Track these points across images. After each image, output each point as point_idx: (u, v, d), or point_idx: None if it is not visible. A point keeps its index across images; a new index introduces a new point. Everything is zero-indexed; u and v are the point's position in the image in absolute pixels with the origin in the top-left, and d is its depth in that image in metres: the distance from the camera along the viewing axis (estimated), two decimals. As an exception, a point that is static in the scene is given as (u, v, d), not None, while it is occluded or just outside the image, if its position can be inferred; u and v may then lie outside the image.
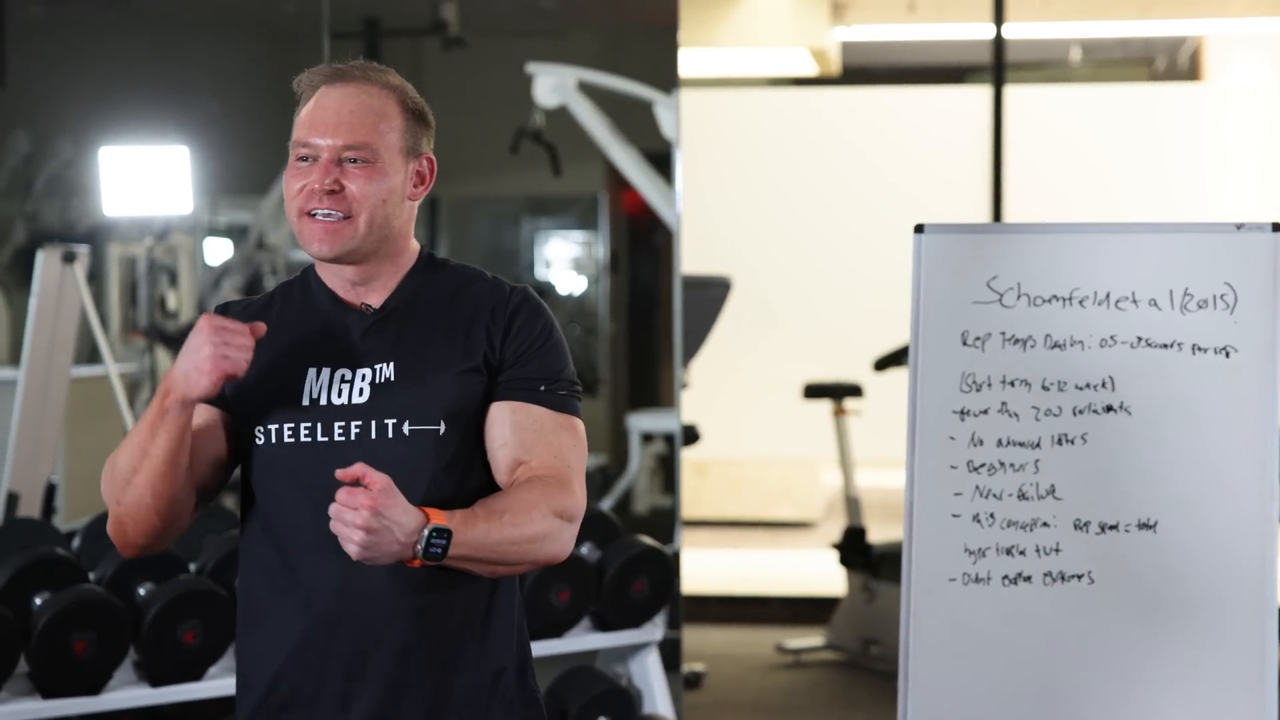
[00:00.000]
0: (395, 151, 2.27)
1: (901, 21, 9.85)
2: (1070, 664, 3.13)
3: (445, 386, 2.24)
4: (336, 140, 2.24)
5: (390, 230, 2.28)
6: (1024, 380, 3.17)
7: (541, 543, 2.20)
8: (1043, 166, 8.28)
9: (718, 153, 8.29)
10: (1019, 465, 3.16)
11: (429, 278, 2.33)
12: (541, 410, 2.27)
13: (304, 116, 2.28)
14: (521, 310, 2.31)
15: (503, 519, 2.16)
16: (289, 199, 2.28)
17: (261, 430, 2.25)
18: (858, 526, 6.75)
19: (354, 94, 2.27)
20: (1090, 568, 3.12)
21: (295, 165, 2.28)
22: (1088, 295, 3.15)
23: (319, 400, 2.24)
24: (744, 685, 6.39)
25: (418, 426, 2.22)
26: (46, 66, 9.60)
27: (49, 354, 5.16)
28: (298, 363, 2.26)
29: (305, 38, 10.51)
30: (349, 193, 2.23)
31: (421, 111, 2.34)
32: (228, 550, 4.08)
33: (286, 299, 2.34)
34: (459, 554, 2.12)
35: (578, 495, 2.26)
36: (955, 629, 3.17)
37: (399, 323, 2.28)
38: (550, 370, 2.30)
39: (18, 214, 9.71)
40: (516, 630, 2.33)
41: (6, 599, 3.81)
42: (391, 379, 2.24)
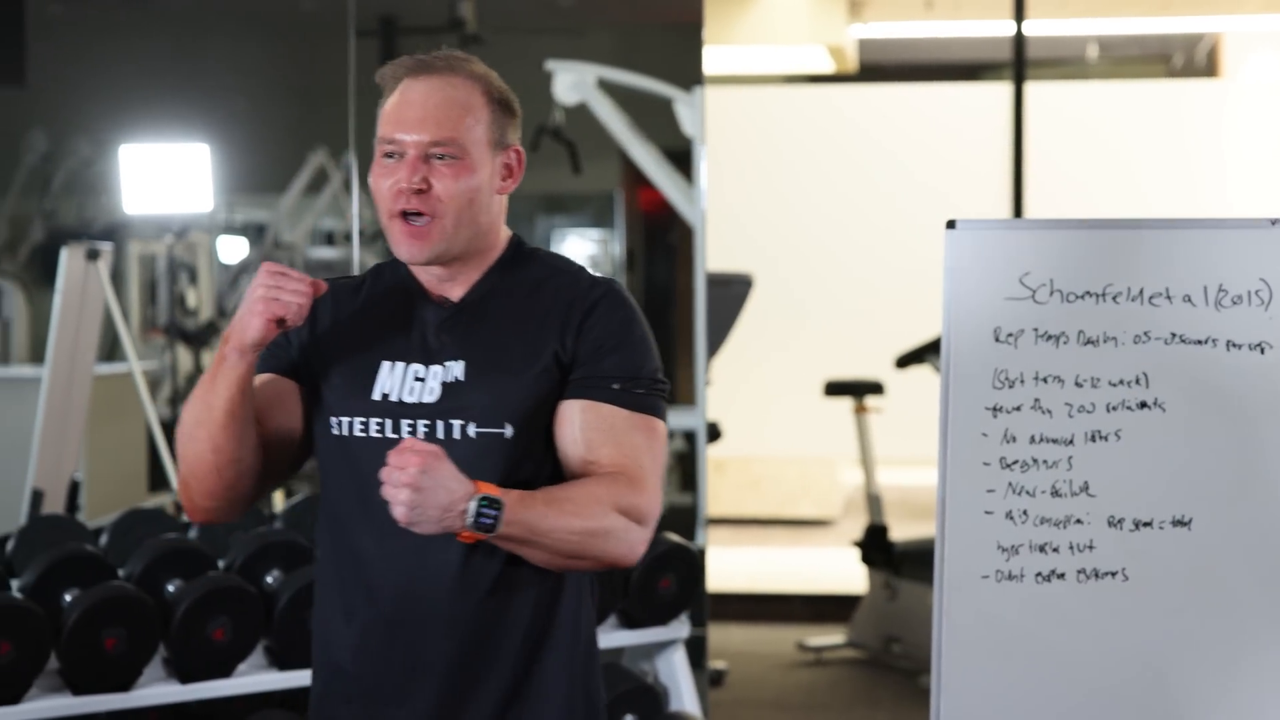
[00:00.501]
0: (483, 145, 2.22)
1: (918, 19, 9.84)
2: (1103, 662, 3.12)
3: (514, 389, 2.20)
4: (423, 136, 2.19)
5: (478, 227, 2.24)
6: (1057, 377, 3.15)
7: (605, 539, 2.15)
8: (1062, 163, 8.27)
9: (736, 150, 8.28)
10: (1052, 462, 3.15)
11: (513, 271, 2.28)
12: (613, 409, 2.22)
13: (388, 111, 2.23)
14: (599, 305, 2.25)
15: (563, 506, 2.12)
16: (378, 197, 2.22)
17: (335, 420, 2.24)
18: (879, 524, 6.74)
19: (439, 86, 2.22)
20: (1124, 565, 3.11)
21: (381, 162, 2.23)
22: (1121, 291, 3.13)
23: (390, 396, 2.21)
24: (765, 683, 6.38)
25: (485, 429, 2.19)
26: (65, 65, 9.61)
27: (72, 351, 5.16)
28: (374, 354, 2.24)
29: (322, 36, 10.53)
30: (436, 192, 2.18)
31: (507, 101, 2.27)
32: (256, 547, 4.08)
33: (376, 282, 2.31)
34: (512, 533, 2.09)
35: (648, 496, 2.20)
36: (987, 626, 3.16)
37: (474, 318, 2.24)
38: (627, 367, 2.24)
39: (36, 212, 9.73)
40: (584, 641, 2.29)
41: (36, 595, 3.81)
42: (461, 379, 2.20)
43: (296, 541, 4.15)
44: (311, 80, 10.66)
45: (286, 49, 10.71)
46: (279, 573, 4.06)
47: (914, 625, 6.42)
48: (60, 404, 5.13)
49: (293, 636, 3.95)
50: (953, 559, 3.17)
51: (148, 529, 4.34)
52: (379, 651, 2.22)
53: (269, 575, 4.06)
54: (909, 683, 6.35)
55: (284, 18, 10.50)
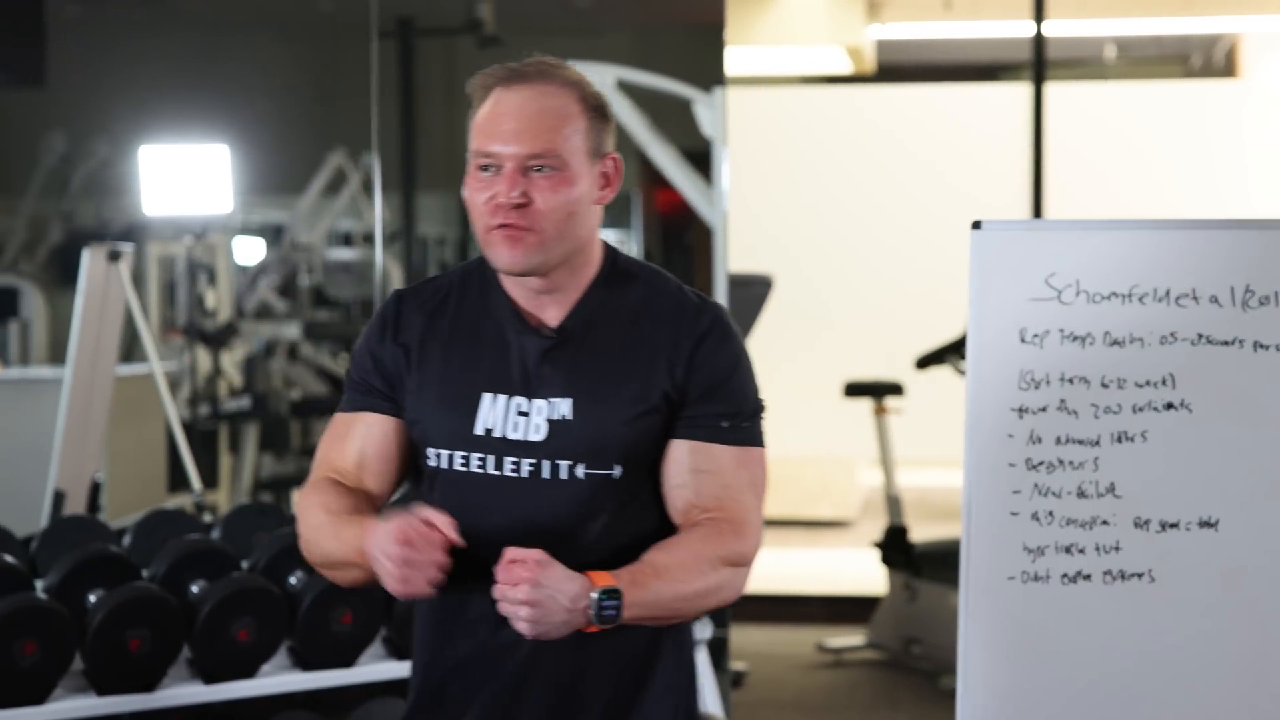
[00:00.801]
0: (581, 155, 2.15)
1: (937, 19, 9.83)
2: (1130, 663, 3.11)
3: (623, 430, 2.14)
4: (520, 149, 2.11)
5: (577, 240, 2.17)
6: (1083, 378, 3.14)
7: (715, 594, 2.13)
8: (1080, 163, 8.25)
9: (754, 151, 8.28)
10: (1078, 463, 3.14)
11: (612, 292, 2.21)
12: (722, 449, 2.17)
13: (482, 122, 2.15)
14: (707, 340, 2.19)
15: (673, 575, 2.09)
16: (474, 212, 2.15)
17: (434, 453, 2.19)
18: (899, 525, 6.73)
19: (534, 96, 2.14)
20: (1150, 566, 3.10)
21: (477, 175, 2.15)
22: (1148, 292, 3.12)
23: (493, 431, 2.16)
24: (785, 684, 6.38)
25: (594, 470, 2.14)
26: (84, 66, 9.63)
27: (94, 353, 5.17)
28: (474, 385, 2.18)
29: (340, 37, 10.54)
30: (536, 206, 2.11)
31: (602, 107, 2.20)
32: (279, 548, 4.08)
33: (464, 294, 2.24)
34: (633, 615, 2.05)
35: (750, 539, 2.18)
36: (1013, 627, 3.15)
37: (577, 348, 2.18)
38: (734, 404, 2.19)
39: (54, 213, 9.75)
40: (686, 665, 2.26)
41: (61, 596, 3.82)
42: (569, 417, 2.14)
43: (319, 542, 4.15)
44: (330, 81, 10.67)
45: (304, 50, 10.73)
46: (302, 574, 4.06)
47: (934, 626, 6.41)
48: (82, 405, 5.13)
49: (316, 637, 3.96)
50: (978, 560, 3.17)
51: (171, 530, 4.34)
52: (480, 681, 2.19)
53: (292, 576, 4.06)
54: (929, 684, 6.35)
55: (302, 19, 10.52)
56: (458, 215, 11.92)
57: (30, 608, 3.65)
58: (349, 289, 9.51)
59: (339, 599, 3.95)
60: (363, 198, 9.58)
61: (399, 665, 4.09)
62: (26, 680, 3.62)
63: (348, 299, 9.88)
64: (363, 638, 4.02)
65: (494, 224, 2.13)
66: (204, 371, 8.11)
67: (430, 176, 10.76)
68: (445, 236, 11.93)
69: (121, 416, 6.00)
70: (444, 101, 10.77)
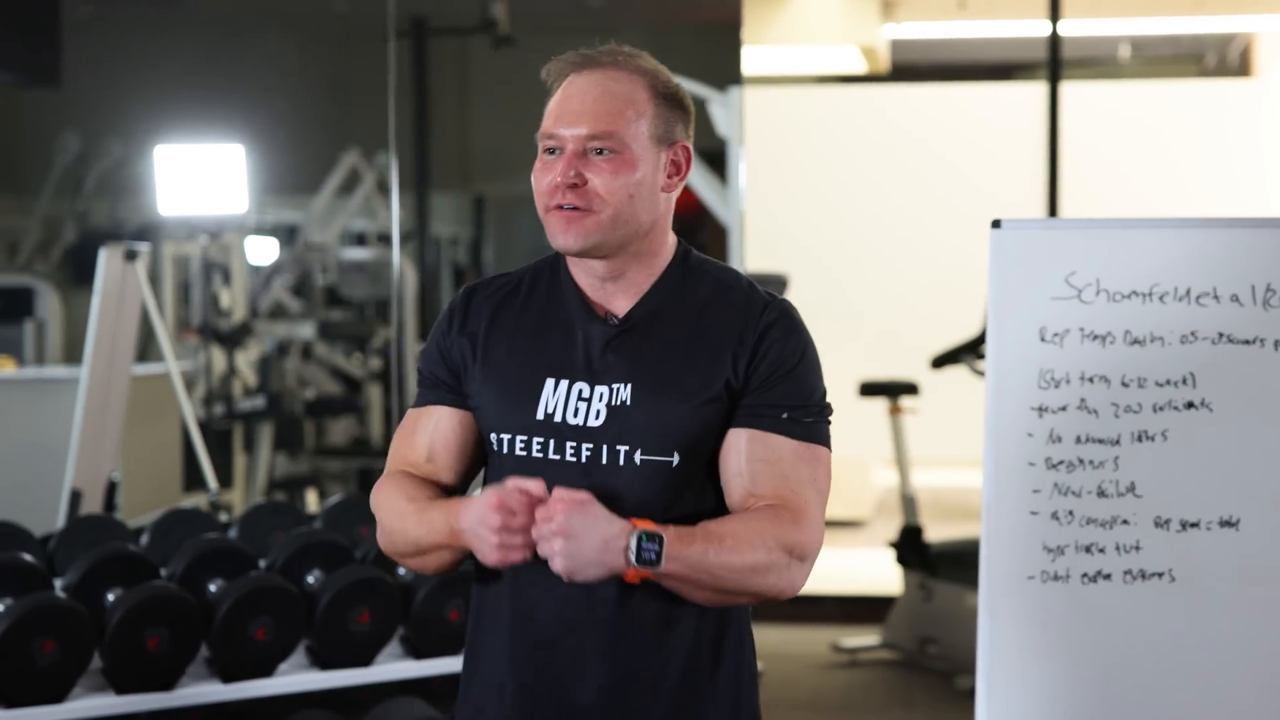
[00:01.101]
0: (644, 140, 2.15)
1: (951, 19, 9.82)
2: (1151, 663, 3.11)
3: (682, 417, 2.13)
4: (581, 130, 2.13)
5: (639, 225, 2.16)
6: (1103, 377, 3.14)
7: (764, 574, 2.09)
8: (1095, 163, 8.24)
9: (768, 150, 8.27)
10: (1098, 462, 3.14)
11: (681, 284, 2.21)
12: (782, 440, 2.15)
13: (551, 107, 2.17)
14: (773, 330, 2.17)
15: (723, 543, 2.06)
16: (537, 193, 2.17)
17: (496, 437, 2.19)
18: (914, 525, 6.72)
19: (600, 81, 2.16)
20: (1171, 566, 3.09)
21: (542, 158, 2.17)
22: (1168, 291, 3.12)
23: (554, 416, 2.15)
24: (800, 684, 6.37)
25: (650, 457, 2.13)
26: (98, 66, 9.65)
27: (111, 352, 5.18)
28: (537, 371, 2.18)
29: (354, 37, 10.55)
30: (592, 186, 2.12)
31: (675, 96, 2.20)
32: (297, 547, 4.09)
33: (534, 287, 2.25)
34: (673, 570, 2.03)
35: (810, 531, 2.14)
36: (1034, 627, 3.15)
37: (641, 337, 2.17)
38: (797, 396, 2.17)
39: (68, 214, 9.77)
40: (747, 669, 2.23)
41: (80, 595, 3.82)
42: (628, 402, 2.13)
43: (337, 542, 4.16)
44: (344, 81, 10.68)
45: (318, 50, 10.74)
46: (320, 573, 4.07)
47: (949, 626, 6.40)
48: (98, 404, 5.14)
49: (334, 636, 3.96)
50: (998, 560, 3.16)
51: (188, 529, 4.35)
52: (535, 676, 2.18)
53: (310, 575, 4.07)
54: (945, 684, 6.34)
55: (316, 19, 10.53)
56: (471, 215, 11.93)
57: (49, 607, 3.65)
58: (363, 289, 9.51)
59: (357, 598, 3.96)
60: (377, 197, 9.59)
61: (416, 665, 4.10)
62: (45, 679, 3.63)
63: (361, 299, 9.89)
64: (380, 637, 4.02)
65: (551, 204, 2.15)
66: (219, 371, 8.12)
67: (443, 176, 10.77)
68: (458, 236, 11.94)
69: (136, 416, 6.01)
70: (457, 102, 10.78)
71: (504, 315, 2.24)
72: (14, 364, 6.80)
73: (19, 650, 3.59)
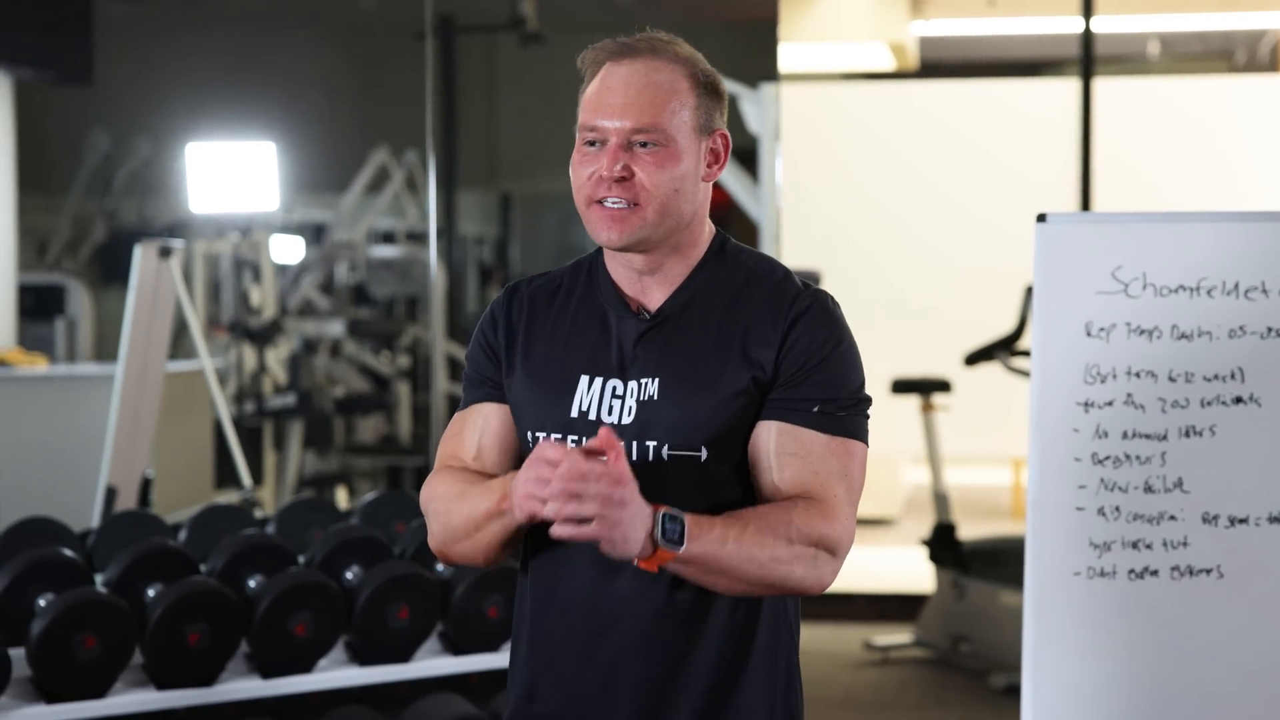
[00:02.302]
0: (688, 131, 2.11)
1: (980, 15, 9.79)
2: (1198, 660, 3.09)
3: (710, 411, 2.10)
4: (625, 123, 2.09)
5: (681, 218, 2.13)
6: (1150, 372, 3.11)
7: (789, 566, 2.05)
8: (1125, 159, 8.21)
9: (798, 147, 8.25)
10: (1145, 458, 3.11)
11: (714, 274, 2.18)
12: (811, 434, 2.10)
13: (590, 97, 2.13)
14: (802, 320, 2.13)
15: (745, 531, 2.03)
16: (577, 186, 2.13)
17: (531, 435, 2.17)
18: (947, 523, 6.70)
19: (642, 70, 2.11)
20: (1219, 562, 3.07)
21: (582, 149, 2.13)
22: (1216, 285, 3.10)
23: (588, 414, 2.13)
24: (833, 682, 6.36)
25: (678, 451, 2.10)
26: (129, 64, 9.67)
27: (145, 349, 5.18)
28: (572, 368, 2.15)
29: (382, 35, 10.56)
30: (638, 181, 2.09)
31: (713, 84, 2.16)
32: (336, 543, 4.08)
33: (573, 285, 2.22)
34: (693, 554, 2.00)
35: (839, 525, 2.09)
36: (1080, 624, 3.13)
37: (672, 330, 2.14)
38: (828, 389, 2.12)
39: (98, 212, 9.79)
40: (783, 667, 2.19)
41: (120, 590, 3.83)
42: (655, 397, 2.11)
43: (375, 537, 4.15)
44: (373, 79, 10.69)
45: (348, 48, 10.75)
46: (358, 568, 4.07)
47: (982, 624, 6.38)
48: (133, 401, 5.14)
49: (373, 632, 3.96)
50: (1044, 555, 3.14)
51: (226, 525, 4.35)
52: (572, 671, 2.16)
53: (349, 571, 4.07)
54: (978, 682, 6.31)
55: (345, 17, 10.54)
56: (497, 214, 11.92)
57: (90, 602, 3.66)
58: (391, 286, 9.52)
59: (396, 594, 3.95)
60: (405, 195, 9.59)
61: (455, 661, 4.09)
62: (87, 674, 3.64)
63: (389, 296, 9.89)
64: (419, 633, 4.01)
65: (595, 198, 2.11)
66: (249, 368, 8.13)
67: (470, 175, 10.77)
68: (484, 235, 11.94)
69: (168, 413, 6.01)
70: (485, 100, 10.78)
71: (544, 313, 2.22)
72: (46, 361, 6.82)
73: (61, 645, 3.59)
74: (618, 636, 2.13)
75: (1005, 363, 6.64)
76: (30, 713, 3.58)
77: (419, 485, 8.54)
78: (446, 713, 4.03)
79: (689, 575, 2.05)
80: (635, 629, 2.12)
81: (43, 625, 3.60)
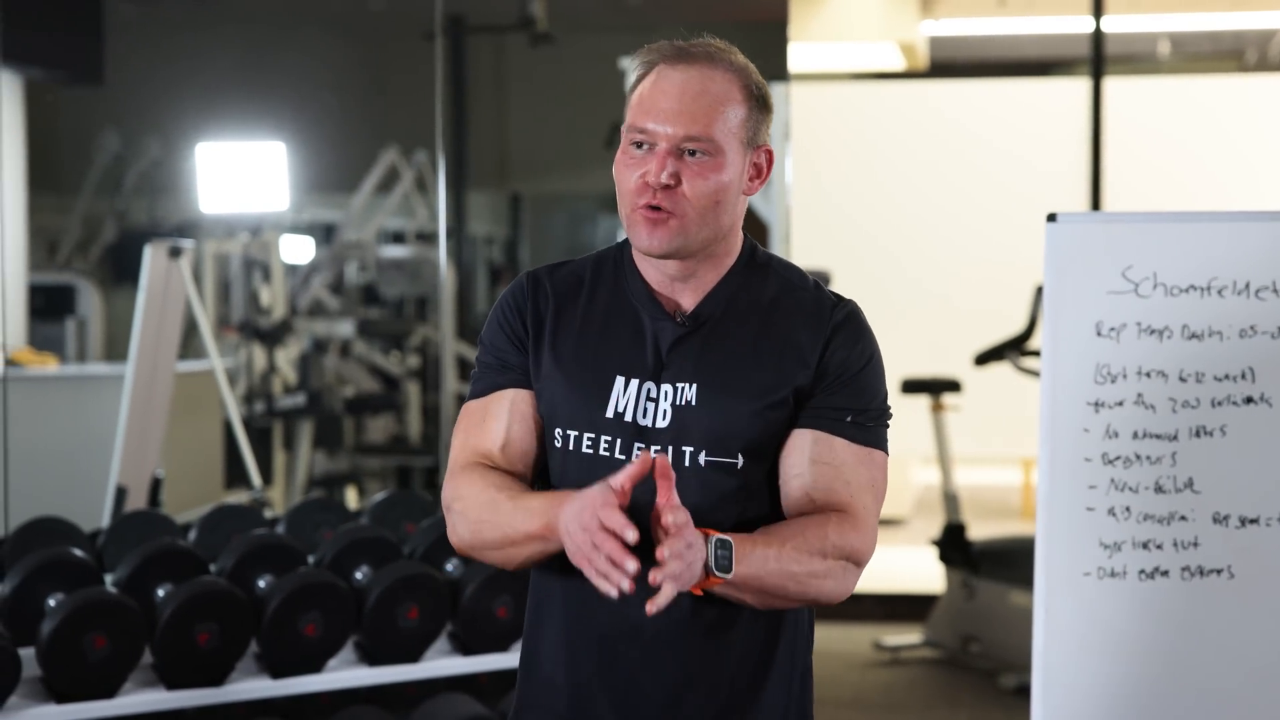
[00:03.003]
0: (736, 143, 2.10)
1: (991, 15, 9.78)
2: (1208, 662, 3.08)
3: (749, 419, 2.09)
4: (677, 130, 2.07)
5: (720, 228, 2.12)
6: (1160, 371, 3.11)
7: (821, 581, 2.07)
8: (1136, 159, 8.20)
9: (809, 147, 8.25)
10: (1155, 458, 3.11)
11: (748, 281, 2.17)
12: (843, 443, 2.12)
13: (641, 98, 2.10)
14: (841, 331, 2.15)
15: (784, 549, 2.04)
16: (622, 187, 2.11)
17: (561, 434, 2.14)
18: (957, 523, 6.69)
19: (697, 77, 2.08)
20: (1230, 562, 3.07)
21: (629, 151, 2.11)
22: (1227, 285, 3.09)
23: (624, 415, 2.11)
24: (842, 682, 6.35)
25: (715, 458, 2.09)
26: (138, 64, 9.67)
27: (155, 349, 5.18)
28: (607, 368, 2.13)
29: (392, 35, 10.56)
30: (684, 189, 2.07)
31: (764, 97, 2.15)
32: (346, 543, 4.08)
33: (598, 278, 2.20)
34: (740, 577, 2.01)
35: (867, 537, 2.12)
36: (1090, 624, 3.12)
37: (709, 336, 2.13)
38: (861, 399, 2.14)
39: (108, 212, 9.80)
40: (800, 670, 2.21)
41: (130, 590, 3.83)
42: (693, 402, 2.10)
43: (385, 538, 4.15)
44: (383, 79, 10.69)
45: (357, 48, 10.75)
46: (368, 569, 4.07)
47: (992, 625, 6.37)
48: (143, 401, 5.15)
49: (383, 633, 3.96)
50: (1054, 556, 3.14)
51: (236, 525, 4.36)
52: (590, 676, 2.15)
53: (358, 571, 4.07)
54: (988, 682, 6.31)
55: (355, 17, 10.54)
56: (506, 214, 11.92)
57: (100, 601, 3.66)
58: (401, 286, 9.51)
59: (405, 594, 3.95)
60: (415, 195, 9.59)
61: (464, 661, 4.09)
62: (97, 674, 3.64)
63: (399, 297, 9.89)
64: (429, 633, 4.01)
65: (640, 203, 2.09)
66: (259, 369, 8.13)
67: (479, 175, 10.77)
68: (494, 235, 11.94)
69: (178, 413, 6.02)
70: (494, 100, 10.78)
71: (570, 306, 2.19)
72: (56, 361, 6.82)
73: (71, 645, 3.60)
74: (641, 641, 2.12)
75: (1015, 363, 6.63)
76: (40, 712, 3.59)
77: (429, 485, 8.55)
78: (456, 713, 4.03)
79: (729, 595, 2.05)
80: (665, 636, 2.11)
81: (53, 625, 3.60)
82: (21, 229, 7.33)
